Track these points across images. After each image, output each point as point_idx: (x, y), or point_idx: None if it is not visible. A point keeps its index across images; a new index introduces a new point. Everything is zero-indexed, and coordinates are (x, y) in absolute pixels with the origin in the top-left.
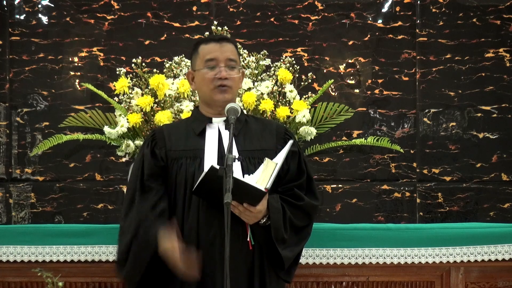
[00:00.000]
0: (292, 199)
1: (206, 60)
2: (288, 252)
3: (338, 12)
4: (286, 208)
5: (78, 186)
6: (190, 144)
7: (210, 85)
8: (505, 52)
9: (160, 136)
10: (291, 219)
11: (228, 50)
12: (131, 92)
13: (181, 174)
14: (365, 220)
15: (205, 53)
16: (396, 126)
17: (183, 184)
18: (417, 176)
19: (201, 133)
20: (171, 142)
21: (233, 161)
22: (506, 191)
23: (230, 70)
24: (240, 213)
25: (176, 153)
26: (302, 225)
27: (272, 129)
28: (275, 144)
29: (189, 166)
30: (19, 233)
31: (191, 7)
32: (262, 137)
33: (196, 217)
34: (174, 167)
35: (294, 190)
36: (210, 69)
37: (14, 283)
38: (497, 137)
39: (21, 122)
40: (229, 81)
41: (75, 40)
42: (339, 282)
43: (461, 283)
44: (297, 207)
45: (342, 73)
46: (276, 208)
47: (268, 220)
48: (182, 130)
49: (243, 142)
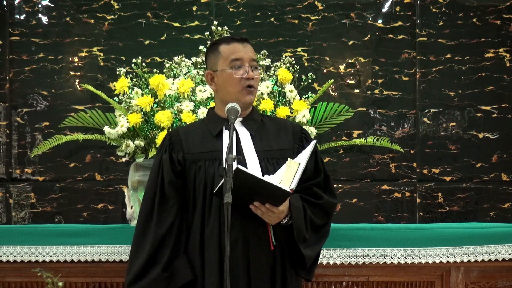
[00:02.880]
0: (312, 197)
1: (231, 60)
2: (310, 251)
3: (338, 12)
4: (306, 208)
5: (78, 186)
6: (208, 146)
7: (238, 86)
8: (505, 52)
9: (176, 139)
10: (311, 218)
11: (251, 50)
12: (131, 92)
13: (200, 176)
14: (365, 220)
15: (230, 53)
16: (396, 126)
17: (203, 186)
18: (417, 176)
19: (218, 134)
20: (188, 145)
21: (233, 161)
22: (506, 191)
23: (254, 70)
24: (262, 213)
25: (194, 155)
26: (321, 224)
27: (288, 129)
28: (292, 143)
29: (209, 168)
30: (19, 233)
31: (191, 7)
32: (278, 136)
33: (218, 219)
34: (193, 170)
35: (313, 188)
36: (236, 69)
37: (14, 283)
38: (497, 137)
39: (21, 122)
40: (254, 82)
41: (75, 40)
42: (339, 282)
43: (461, 283)
44: (317, 205)
45: (342, 73)
46: (297, 208)
47: (290, 219)
48: (199, 132)
49: (260, 142)
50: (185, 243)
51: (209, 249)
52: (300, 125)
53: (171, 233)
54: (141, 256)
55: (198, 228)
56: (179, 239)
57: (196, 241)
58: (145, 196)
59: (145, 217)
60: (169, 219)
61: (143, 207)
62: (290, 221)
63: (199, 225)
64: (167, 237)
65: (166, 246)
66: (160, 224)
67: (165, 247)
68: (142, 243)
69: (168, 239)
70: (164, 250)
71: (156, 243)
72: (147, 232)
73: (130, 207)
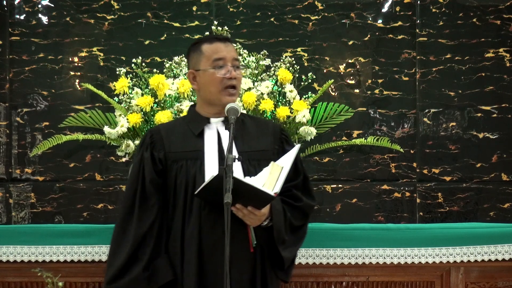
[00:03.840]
0: (291, 200)
1: (214, 59)
2: (288, 252)
3: (338, 12)
4: (286, 210)
5: (78, 186)
6: (190, 145)
7: (219, 85)
8: (505, 52)
9: (158, 137)
10: (290, 220)
11: (233, 50)
12: (131, 92)
13: (181, 175)
14: (365, 220)
15: (212, 52)
16: (396, 126)
17: (184, 186)
18: (417, 176)
19: (199, 134)
20: (169, 144)
21: (233, 161)
22: (506, 191)
23: (236, 70)
24: (243, 215)
25: (175, 154)
26: (299, 225)
27: (268, 129)
28: (273, 144)
29: (190, 167)
30: (19, 233)
31: (191, 7)
32: (259, 137)
33: (198, 220)
34: (174, 169)
35: (293, 191)
36: (218, 68)
37: (14, 283)
38: (497, 137)
39: (21, 122)
40: (237, 82)
41: (75, 40)
42: (339, 282)
43: (461, 283)
44: (296, 208)
45: (342, 73)
46: (278, 210)
47: (270, 221)
48: (180, 131)
49: (242, 143)
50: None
51: (189, 250)
52: (281, 126)
53: (152, 232)
54: (121, 255)
55: (178, 229)
56: (160, 238)
57: (177, 241)
58: (125, 195)
59: (125, 216)
60: (150, 217)
61: (123, 206)
62: (270, 223)
63: (179, 225)
64: (148, 236)
65: (147, 245)
66: (141, 223)
67: (146, 246)
68: (122, 241)
69: (149, 238)
70: (145, 249)
71: (137, 242)
72: (128, 231)
73: None
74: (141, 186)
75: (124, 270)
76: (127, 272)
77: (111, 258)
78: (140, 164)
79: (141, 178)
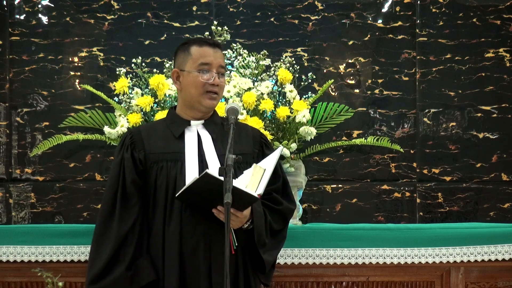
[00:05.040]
0: (271, 203)
1: (200, 63)
2: (269, 256)
3: (338, 12)
4: (266, 213)
5: (78, 186)
6: (170, 147)
7: (201, 89)
8: (505, 52)
9: (138, 138)
10: (270, 223)
11: (220, 56)
12: (131, 92)
13: (162, 177)
14: (365, 220)
15: (200, 56)
16: (396, 126)
17: (164, 187)
18: (417, 176)
19: (180, 136)
20: (149, 145)
21: (233, 161)
22: (506, 191)
23: (221, 77)
24: None
25: (156, 155)
26: (279, 229)
27: (248, 133)
28: (252, 148)
29: (171, 169)
30: (19, 233)
31: (191, 7)
32: (239, 141)
33: (179, 222)
34: (154, 170)
35: (273, 194)
36: (203, 73)
37: (14, 283)
38: (497, 137)
39: (21, 122)
40: (219, 89)
41: (75, 40)
42: (339, 282)
43: (461, 283)
44: (276, 211)
45: (342, 73)
46: (259, 213)
47: (251, 224)
48: (160, 132)
49: (222, 146)
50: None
51: (170, 251)
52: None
53: (134, 231)
54: (103, 255)
55: (159, 229)
56: (141, 238)
57: (158, 242)
58: (105, 195)
59: (106, 216)
60: (131, 217)
61: (103, 206)
62: (251, 225)
63: (160, 226)
64: (129, 235)
65: (129, 244)
66: (123, 223)
67: (128, 245)
68: (103, 241)
69: (131, 237)
70: (127, 249)
71: (119, 241)
72: (109, 231)
73: None
74: (121, 187)
75: (106, 270)
76: (110, 272)
77: (92, 258)
78: (120, 165)
79: (122, 179)
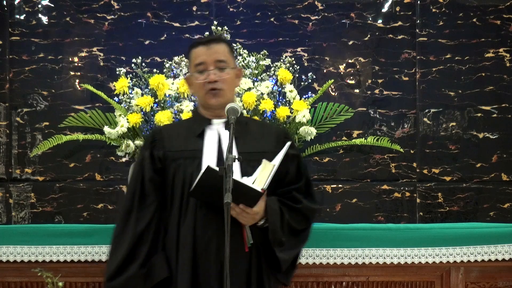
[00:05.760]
0: (291, 202)
1: (195, 64)
2: (285, 254)
3: (338, 12)
4: (284, 211)
5: (78, 186)
6: (189, 145)
7: (202, 90)
8: (505, 52)
9: (159, 137)
10: (289, 222)
11: (217, 51)
12: (131, 92)
13: (179, 174)
14: (365, 220)
15: (195, 57)
16: (396, 126)
17: (181, 185)
18: (417, 176)
19: (200, 134)
20: (170, 143)
21: (233, 161)
22: (506, 191)
23: (219, 72)
24: (237, 214)
25: (174, 153)
26: (300, 228)
27: (271, 132)
28: (275, 147)
29: (187, 167)
30: (19, 233)
31: (191, 7)
32: (261, 139)
33: (193, 219)
34: (172, 168)
35: (293, 193)
36: (200, 73)
37: (14, 283)
38: (497, 137)
39: (21, 122)
40: (219, 84)
41: (75, 40)
42: (339, 282)
43: (461, 283)
44: (296, 210)
45: (342, 73)
46: (274, 210)
47: (266, 222)
48: (182, 131)
49: (243, 144)
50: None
51: (183, 249)
52: (286, 130)
53: (150, 229)
54: (119, 253)
55: (174, 227)
56: (157, 236)
57: (173, 239)
58: (126, 193)
59: (125, 214)
60: (148, 216)
61: (123, 204)
62: (266, 223)
63: (175, 224)
64: (145, 233)
65: (145, 242)
66: (139, 221)
67: (143, 243)
68: (121, 240)
69: (147, 235)
70: (142, 247)
71: (135, 240)
72: (126, 229)
73: None
74: (140, 185)
75: (121, 269)
76: (124, 270)
77: (110, 257)
78: (141, 163)
79: (141, 177)
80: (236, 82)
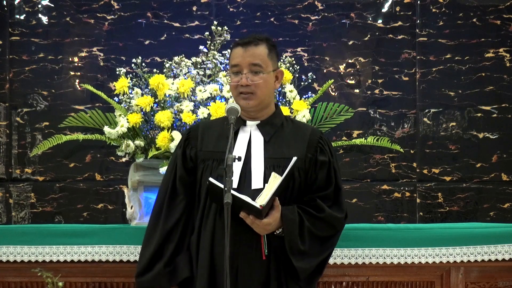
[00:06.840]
0: (313, 210)
1: (231, 65)
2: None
3: (338, 12)
4: (305, 219)
5: (78, 186)
6: (220, 146)
7: (234, 91)
8: (505, 52)
9: (194, 135)
10: (310, 230)
11: (252, 54)
12: (131, 92)
13: (206, 175)
14: (365, 220)
15: (232, 58)
16: (396, 126)
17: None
18: (417, 176)
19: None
20: (203, 142)
21: (233, 161)
22: (506, 191)
23: (253, 76)
24: (251, 223)
25: (205, 154)
26: (325, 235)
27: (305, 136)
28: (305, 152)
29: (214, 168)
30: (19, 233)
31: (191, 7)
32: (293, 144)
33: (212, 224)
34: (201, 168)
35: (317, 201)
36: (234, 74)
37: (14, 283)
38: (497, 137)
39: (21, 122)
40: (251, 88)
41: (75, 40)
42: (339, 282)
43: (461, 283)
44: (318, 218)
45: (342, 73)
46: (290, 220)
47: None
48: (217, 130)
49: (272, 149)
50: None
51: (202, 251)
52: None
53: (177, 228)
54: (147, 251)
55: (198, 228)
56: (184, 235)
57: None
58: (159, 191)
59: (156, 212)
60: (176, 215)
61: (156, 202)
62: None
63: (198, 225)
64: (173, 232)
65: (171, 241)
66: (168, 220)
67: (170, 242)
68: (150, 237)
69: (174, 234)
70: (168, 245)
71: (162, 238)
72: (156, 227)
73: (130, 207)
74: (171, 183)
75: (149, 266)
76: (151, 269)
77: (141, 254)
78: (174, 161)
79: (173, 176)
80: (275, 84)
